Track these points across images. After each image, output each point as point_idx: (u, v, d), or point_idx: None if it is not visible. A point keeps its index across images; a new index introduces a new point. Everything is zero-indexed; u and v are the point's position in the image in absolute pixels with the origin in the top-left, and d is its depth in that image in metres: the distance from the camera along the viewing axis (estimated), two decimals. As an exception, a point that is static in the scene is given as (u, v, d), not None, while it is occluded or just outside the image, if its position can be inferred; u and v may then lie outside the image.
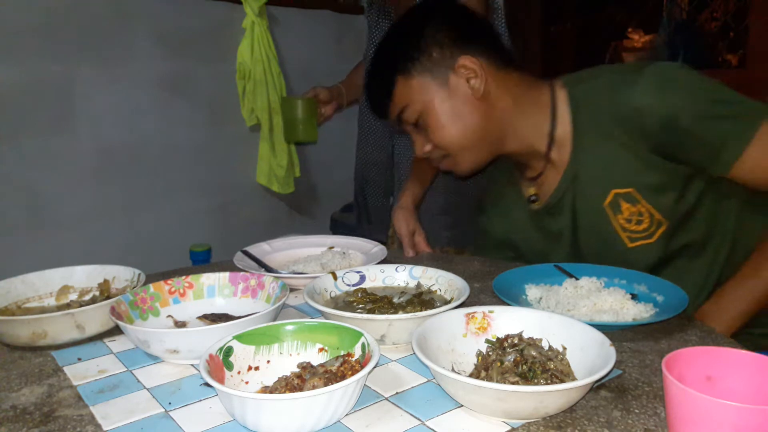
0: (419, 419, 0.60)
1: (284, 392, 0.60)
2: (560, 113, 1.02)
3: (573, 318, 0.70)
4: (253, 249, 1.15)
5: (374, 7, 1.63)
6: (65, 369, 0.73)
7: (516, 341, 0.66)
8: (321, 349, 0.68)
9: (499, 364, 0.63)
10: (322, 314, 0.78)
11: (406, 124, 1.04)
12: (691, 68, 0.96)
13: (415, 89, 1.00)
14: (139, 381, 0.70)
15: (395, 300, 0.85)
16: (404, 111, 1.02)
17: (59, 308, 0.89)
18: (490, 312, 0.72)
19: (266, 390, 0.63)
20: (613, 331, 0.79)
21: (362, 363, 0.62)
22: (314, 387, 0.59)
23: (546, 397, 0.56)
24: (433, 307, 0.79)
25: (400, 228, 1.23)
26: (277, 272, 1.04)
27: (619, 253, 1.02)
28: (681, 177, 0.96)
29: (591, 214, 1.03)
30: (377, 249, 1.13)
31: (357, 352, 0.65)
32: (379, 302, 0.84)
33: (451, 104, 1.00)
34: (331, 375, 0.61)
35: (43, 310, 0.88)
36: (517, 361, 0.63)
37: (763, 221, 1.00)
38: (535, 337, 0.68)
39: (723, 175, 0.94)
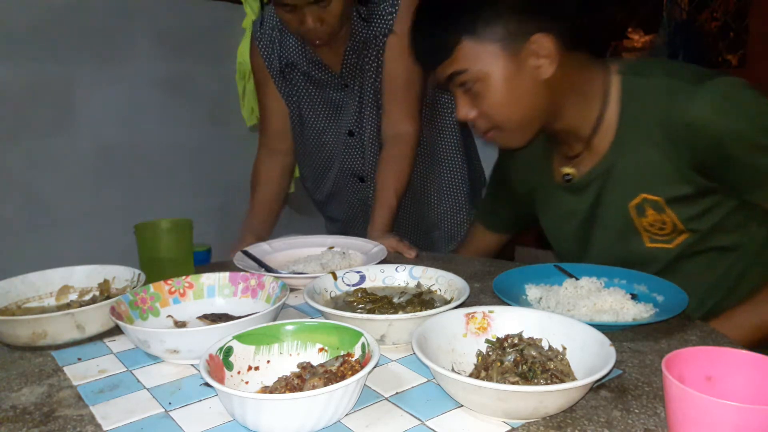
0: (419, 419, 0.60)
1: (284, 392, 0.59)
2: (611, 101, 0.98)
3: (573, 318, 0.70)
4: (253, 249, 1.15)
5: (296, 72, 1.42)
6: (65, 369, 0.73)
7: (516, 341, 0.66)
8: (321, 349, 0.68)
9: (499, 364, 0.63)
10: (322, 314, 0.78)
11: (455, 85, 0.96)
12: (752, 88, 0.91)
13: (481, 56, 0.92)
14: (139, 381, 0.70)
15: (395, 300, 0.85)
16: (460, 74, 0.94)
17: (59, 308, 0.89)
18: (490, 312, 0.72)
19: (266, 390, 0.63)
20: (613, 331, 0.79)
21: (362, 363, 0.62)
22: (314, 387, 0.59)
23: (546, 397, 0.56)
24: (433, 307, 0.79)
25: (388, 243, 1.22)
26: (277, 272, 1.04)
27: (633, 249, 1.01)
28: (713, 195, 0.94)
29: (614, 208, 1.01)
30: (377, 249, 1.13)
31: (357, 352, 0.65)
32: (379, 302, 0.84)
33: (516, 81, 0.93)
34: (331, 375, 0.61)
35: (43, 310, 0.88)
36: (517, 361, 0.63)
37: None
38: (535, 337, 0.68)
39: (760, 204, 0.93)
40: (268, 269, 1.06)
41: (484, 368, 0.64)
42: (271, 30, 1.43)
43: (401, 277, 0.93)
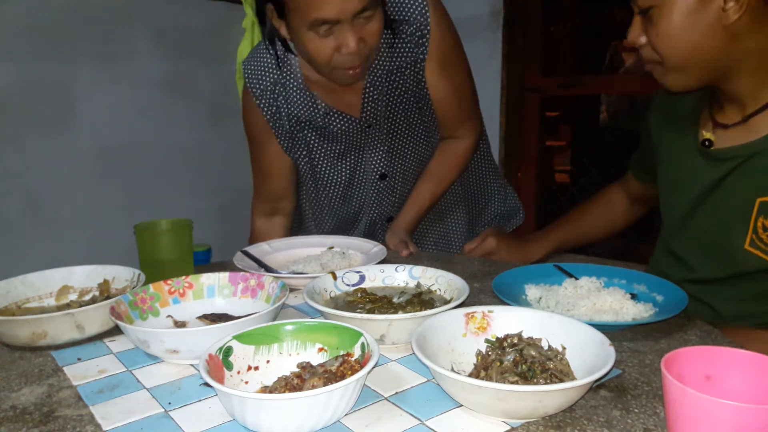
0: (419, 419, 0.60)
1: (284, 392, 0.60)
2: None
3: (572, 318, 0.70)
4: (253, 249, 1.15)
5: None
6: (65, 369, 0.73)
7: (515, 341, 0.66)
8: (320, 349, 0.68)
9: (498, 363, 0.63)
10: (322, 314, 0.78)
11: (636, 6, 0.94)
12: None
13: None
14: (138, 381, 0.70)
15: (395, 300, 0.85)
16: None
17: (59, 308, 0.89)
18: (490, 312, 0.72)
19: (266, 390, 0.63)
20: (613, 331, 0.79)
21: (362, 363, 0.62)
22: (314, 387, 0.59)
23: (545, 397, 0.56)
24: (432, 307, 0.79)
25: (390, 241, 1.23)
26: (277, 272, 1.04)
27: (729, 243, 0.97)
28: None
29: (739, 193, 0.95)
30: (377, 249, 1.13)
31: (356, 351, 0.65)
32: (379, 302, 0.84)
33: (694, 17, 0.88)
34: (330, 375, 0.61)
35: (42, 311, 0.88)
36: (517, 361, 0.63)
37: None
38: (534, 337, 0.68)
39: None
40: (268, 269, 1.07)
41: (484, 368, 0.64)
42: (273, 85, 1.26)
43: (401, 277, 0.93)
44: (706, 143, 1.01)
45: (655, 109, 1.15)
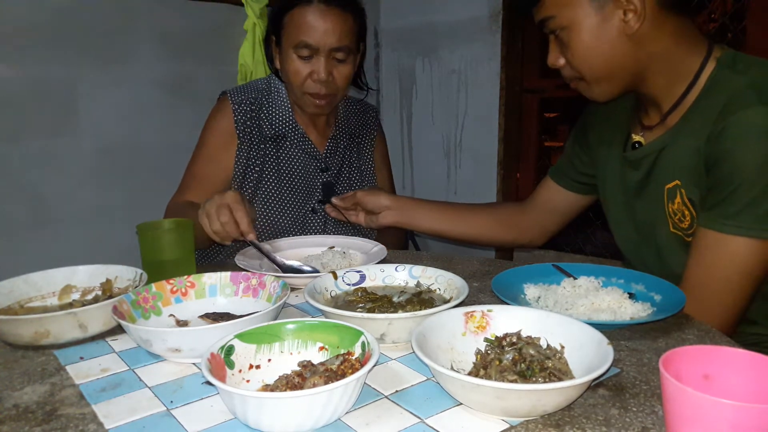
0: (419, 417, 0.60)
1: (285, 390, 0.60)
2: (698, 84, 0.98)
3: (571, 317, 0.70)
4: (254, 249, 1.15)
5: None
6: (67, 368, 0.74)
7: (514, 340, 0.67)
8: (321, 348, 0.69)
9: (497, 362, 0.64)
10: (323, 313, 0.79)
11: (547, 31, 1.01)
12: None
13: (568, 4, 0.96)
14: (141, 380, 0.70)
15: (395, 299, 0.85)
16: (549, 20, 0.98)
17: (62, 308, 0.89)
18: (489, 311, 0.73)
19: (267, 388, 0.63)
20: (611, 330, 0.80)
21: (362, 361, 0.63)
22: (315, 385, 0.59)
23: (544, 396, 0.56)
24: (432, 306, 0.80)
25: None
26: (283, 264, 1.05)
27: (660, 231, 1.04)
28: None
29: (655, 186, 1.04)
30: (377, 249, 1.13)
31: (357, 350, 0.66)
32: (379, 301, 0.84)
33: (599, 32, 0.95)
34: (331, 373, 0.62)
35: (45, 310, 0.88)
36: (516, 360, 0.63)
37: None
38: (533, 336, 0.68)
39: (698, 223, 0.95)
40: (276, 263, 1.06)
41: (483, 367, 0.64)
42: (258, 93, 1.40)
43: (401, 276, 0.93)
44: (636, 145, 1.08)
45: (591, 121, 1.22)
